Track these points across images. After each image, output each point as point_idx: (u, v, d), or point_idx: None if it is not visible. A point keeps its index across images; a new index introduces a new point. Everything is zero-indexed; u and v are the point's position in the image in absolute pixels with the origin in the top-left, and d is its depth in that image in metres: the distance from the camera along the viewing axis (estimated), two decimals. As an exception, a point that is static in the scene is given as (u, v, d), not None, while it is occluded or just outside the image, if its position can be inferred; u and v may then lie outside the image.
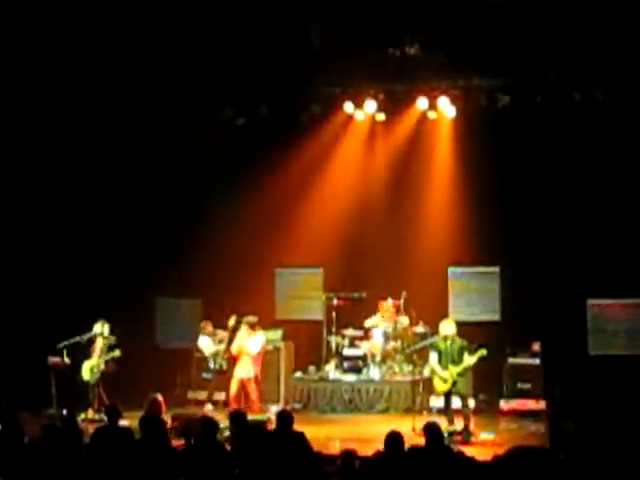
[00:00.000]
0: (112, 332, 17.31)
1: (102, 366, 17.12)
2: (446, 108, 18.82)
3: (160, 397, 13.22)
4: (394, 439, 9.17)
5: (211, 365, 17.82)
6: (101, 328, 17.24)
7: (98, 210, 19.25)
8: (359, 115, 19.59)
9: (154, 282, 19.23)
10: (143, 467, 9.42)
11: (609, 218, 17.90)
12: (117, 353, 17.12)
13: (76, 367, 17.17)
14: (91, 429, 13.16)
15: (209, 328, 18.38)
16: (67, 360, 17.04)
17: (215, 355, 17.73)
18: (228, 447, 11.36)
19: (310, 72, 18.22)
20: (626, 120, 17.56)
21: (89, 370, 17.10)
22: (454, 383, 15.07)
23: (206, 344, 18.25)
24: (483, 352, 14.95)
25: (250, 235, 19.51)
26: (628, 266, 17.64)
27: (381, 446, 9.57)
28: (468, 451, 11.53)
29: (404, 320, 18.75)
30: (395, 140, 19.79)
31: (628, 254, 17.76)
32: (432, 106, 18.86)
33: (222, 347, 17.45)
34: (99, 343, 17.23)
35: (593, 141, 17.88)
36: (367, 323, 18.83)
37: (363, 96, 19.21)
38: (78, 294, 18.56)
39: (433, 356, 15.35)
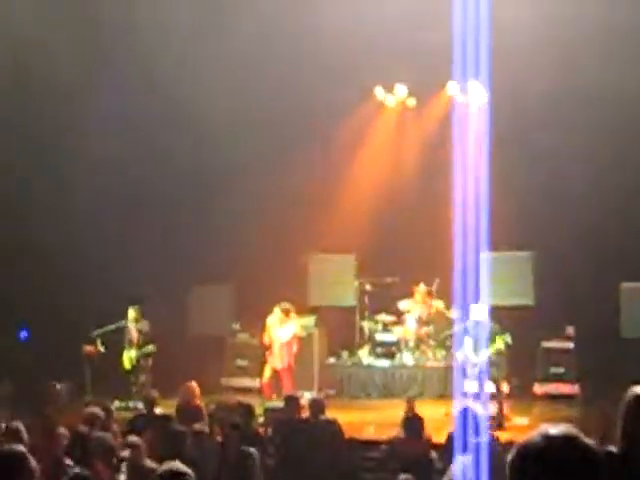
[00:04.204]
0: (143, 318, 17.26)
1: (140, 357, 17.03)
2: (478, 92, 18.71)
3: (194, 384, 13.29)
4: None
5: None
6: (134, 315, 17.23)
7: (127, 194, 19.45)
8: (390, 100, 19.67)
9: (188, 268, 19.22)
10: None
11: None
12: (151, 348, 17.01)
13: (113, 355, 17.17)
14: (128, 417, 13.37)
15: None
16: (101, 349, 17.07)
17: None
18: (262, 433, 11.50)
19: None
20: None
21: (128, 359, 17.03)
22: (485, 367, 15.06)
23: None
24: (505, 338, 14.94)
25: (283, 221, 19.50)
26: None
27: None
28: (502, 436, 11.56)
29: (438, 305, 18.73)
30: (426, 124, 19.75)
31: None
32: (463, 90, 18.79)
33: None
34: (133, 331, 17.14)
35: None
36: (400, 305, 18.80)
37: (394, 81, 19.27)
38: (110, 281, 18.61)
39: (466, 341, 15.37)
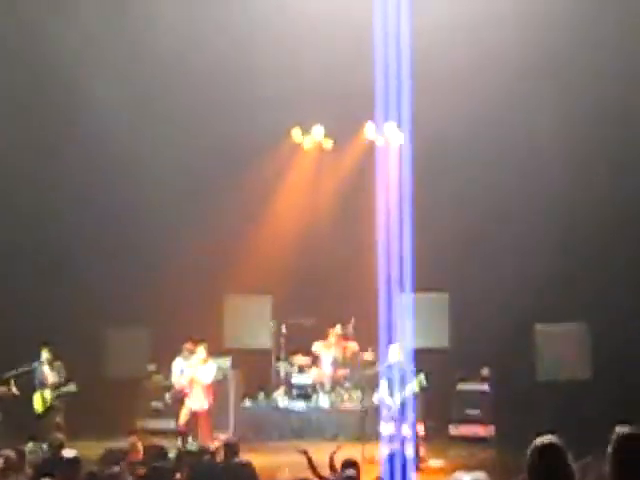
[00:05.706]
0: (57, 359, 16.85)
1: (55, 399, 16.57)
2: (394, 134, 18.85)
3: (138, 442, 12.78)
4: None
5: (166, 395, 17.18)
6: (47, 356, 16.74)
7: (44, 238, 19.11)
8: (307, 141, 19.72)
9: (104, 310, 18.93)
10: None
11: (555, 243, 18.00)
12: (72, 388, 16.55)
13: (26, 397, 16.72)
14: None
15: (189, 347, 16.73)
16: (15, 390, 16.63)
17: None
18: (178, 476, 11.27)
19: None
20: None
21: (42, 401, 16.55)
22: (401, 409, 15.04)
23: (177, 368, 16.75)
24: (420, 379, 14.93)
25: (199, 262, 19.36)
26: (575, 290, 17.72)
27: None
28: (418, 478, 11.54)
29: (353, 347, 18.73)
30: (343, 166, 19.83)
31: (575, 278, 17.86)
32: (380, 132, 18.91)
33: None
34: (47, 372, 16.69)
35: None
36: (314, 347, 18.75)
37: (311, 122, 19.31)
38: (24, 323, 18.28)
39: (382, 383, 15.33)
